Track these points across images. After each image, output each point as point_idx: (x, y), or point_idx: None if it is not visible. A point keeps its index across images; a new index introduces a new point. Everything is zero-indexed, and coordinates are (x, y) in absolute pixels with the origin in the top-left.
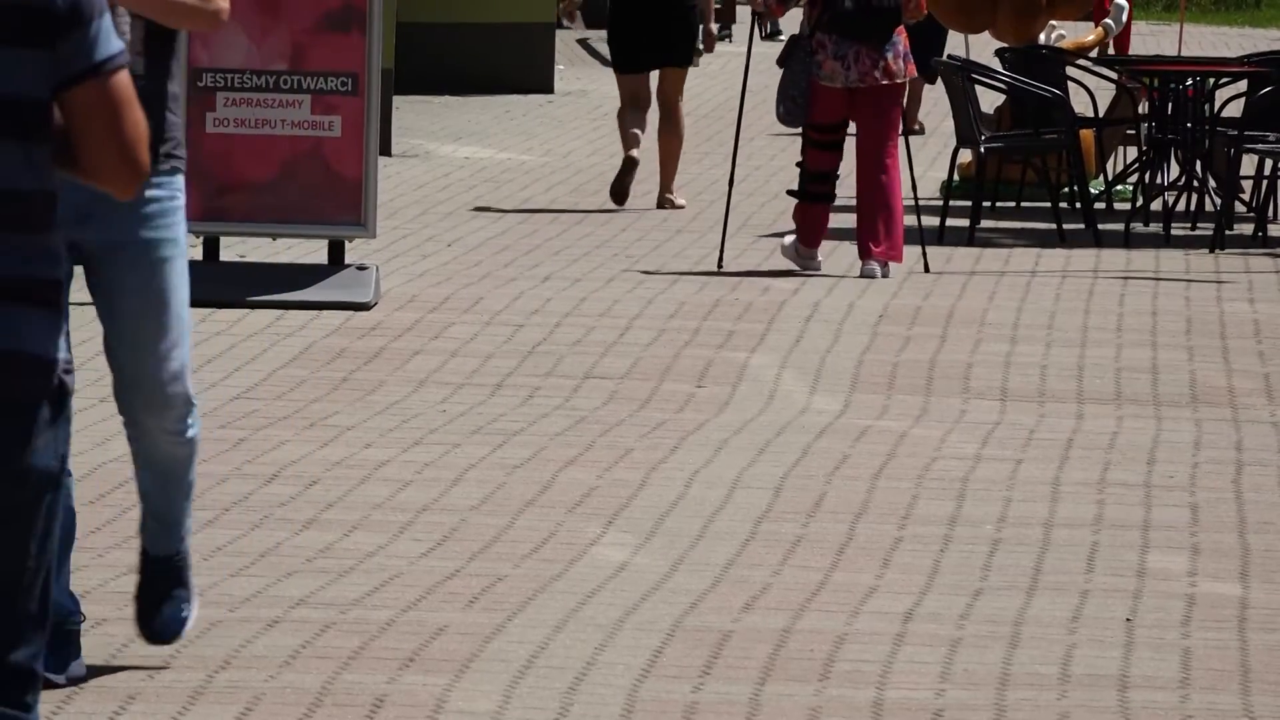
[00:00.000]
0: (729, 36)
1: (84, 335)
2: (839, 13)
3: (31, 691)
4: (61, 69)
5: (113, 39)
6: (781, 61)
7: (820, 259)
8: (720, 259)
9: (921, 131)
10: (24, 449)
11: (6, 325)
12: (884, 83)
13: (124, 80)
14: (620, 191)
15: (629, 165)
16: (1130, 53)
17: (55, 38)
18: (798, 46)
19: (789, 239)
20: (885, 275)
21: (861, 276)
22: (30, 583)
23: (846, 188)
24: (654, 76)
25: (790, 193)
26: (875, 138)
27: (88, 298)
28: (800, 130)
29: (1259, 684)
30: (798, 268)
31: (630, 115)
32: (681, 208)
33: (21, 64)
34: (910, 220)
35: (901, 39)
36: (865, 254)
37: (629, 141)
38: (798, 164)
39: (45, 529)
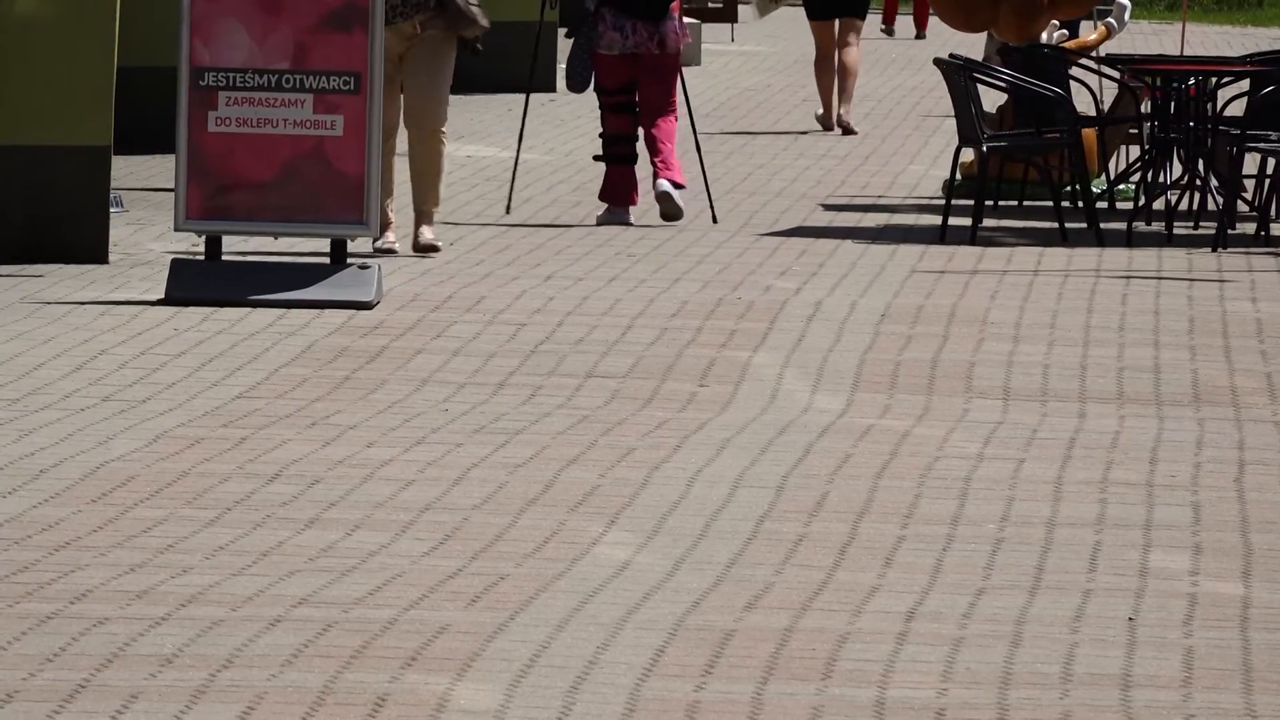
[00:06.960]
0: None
1: (85, 335)
2: None
3: None
4: None
5: None
6: (570, 34)
7: (632, 218)
8: (508, 206)
9: None
10: None
11: None
12: (657, 52)
13: None
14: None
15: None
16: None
17: None
18: (584, 20)
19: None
20: (678, 189)
21: (657, 192)
22: None
23: (849, 188)
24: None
25: (596, 158)
26: (652, 101)
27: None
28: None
29: (1261, 683)
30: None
31: (822, 65)
32: (855, 133)
33: None
34: (908, 218)
35: (676, 15)
36: (658, 175)
37: (826, 111)
38: (600, 138)
39: None
